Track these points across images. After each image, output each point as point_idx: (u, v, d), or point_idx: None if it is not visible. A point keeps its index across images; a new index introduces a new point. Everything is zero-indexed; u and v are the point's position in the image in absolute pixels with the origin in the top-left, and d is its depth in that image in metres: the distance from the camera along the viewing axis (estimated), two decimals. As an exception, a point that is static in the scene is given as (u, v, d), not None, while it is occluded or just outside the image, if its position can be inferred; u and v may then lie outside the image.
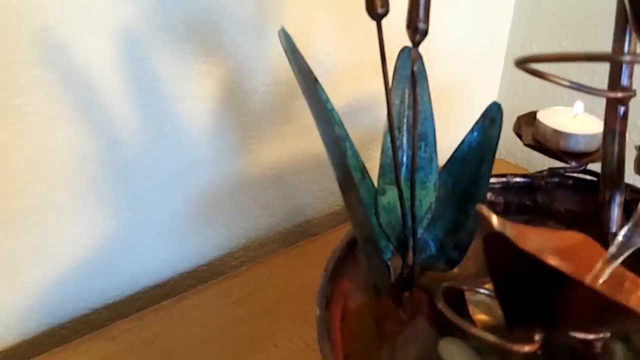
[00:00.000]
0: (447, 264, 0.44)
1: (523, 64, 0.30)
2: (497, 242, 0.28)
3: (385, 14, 0.34)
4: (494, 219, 0.29)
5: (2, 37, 0.44)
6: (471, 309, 0.43)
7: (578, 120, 0.50)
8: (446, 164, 0.44)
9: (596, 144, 0.48)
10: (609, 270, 0.32)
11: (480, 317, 0.42)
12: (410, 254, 0.42)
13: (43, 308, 0.55)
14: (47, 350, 0.53)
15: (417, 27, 0.34)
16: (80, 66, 0.48)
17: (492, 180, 0.51)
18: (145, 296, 0.62)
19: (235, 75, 0.57)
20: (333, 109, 0.40)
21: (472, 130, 0.43)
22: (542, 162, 0.72)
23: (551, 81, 0.32)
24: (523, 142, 0.51)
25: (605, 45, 0.37)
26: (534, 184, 0.52)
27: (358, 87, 0.66)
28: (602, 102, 0.39)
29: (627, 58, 0.28)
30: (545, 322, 0.29)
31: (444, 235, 0.44)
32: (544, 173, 0.52)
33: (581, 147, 0.48)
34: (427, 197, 0.43)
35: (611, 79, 0.35)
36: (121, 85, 0.51)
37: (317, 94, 0.33)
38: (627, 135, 0.39)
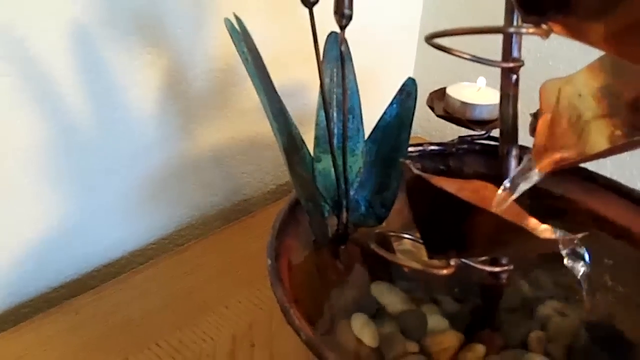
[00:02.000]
0: (375, 220, 0.50)
1: (431, 39, 0.36)
2: (417, 184, 0.34)
3: (316, 2, 0.40)
4: (408, 168, 0.35)
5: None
6: (399, 256, 0.49)
7: (481, 93, 0.57)
8: (371, 133, 0.49)
9: (497, 112, 0.55)
10: (504, 205, 0.39)
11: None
12: (344, 213, 0.48)
13: (6, 287, 0.58)
14: (12, 326, 0.56)
15: (343, 13, 0.40)
16: (36, 59, 0.51)
17: (411, 149, 0.57)
18: (99, 274, 0.65)
19: (177, 65, 0.61)
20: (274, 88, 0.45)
21: (391, 103, 0.49)
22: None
23: (455, 55, 0.38)
24: (435, 113, 0.57)
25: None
26: (446, 150, 0.58)
27: (286, 75, 0.71)
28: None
29: (511, 29, 0.34)
30: (458, 248, 0.35)
31: (371, 195, 0.50)
32: (455, 141, 0.59)
33: (485, 115, 0.55)
34: (356, 163, 0.49)
35: (504, 52, 0.41)
36: (74, 76, 0.54)
37: (264, 68, 0.38)
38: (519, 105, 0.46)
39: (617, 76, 0.42)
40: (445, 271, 0.36)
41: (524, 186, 0.39)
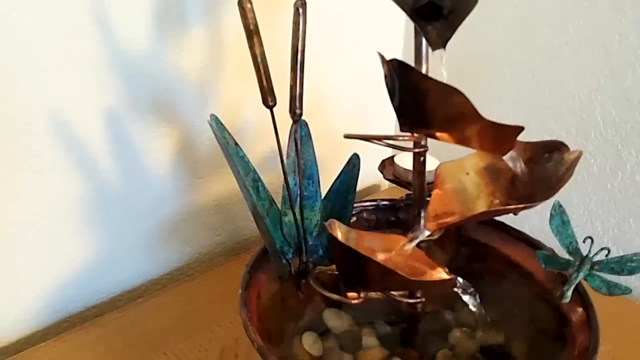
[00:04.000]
0: (330, 261, 0.62)
1: (347, 137, 0.50)
2: (332, 240, 0.48)
3: (274, 105, 0.54)
4: (332, 227, 0.49)
5: (24, 115, 0.61)
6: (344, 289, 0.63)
7: (421, 161, 0.70)
8: (326, 194, 0.63)
9: (432, 177, 0.69)
10: (408, 249, 0.52)
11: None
12: (304, 255, 0.62)
13: (52, 306, 0.73)
14: (55, 336, 0.71)
15: (295, 112, 0.54)
16: (76, 135, 0.66)
17: (367, 203, 0.70)
18: (124, 298, 0.80)
19: (186, 134, 0.76)
20: (249, 161, 0.59)
21: (340, 172, 0.63)
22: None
23: (373, 142, 0.52)
24: (384, 177, 0.71)
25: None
26: (396, 205, 0.71)
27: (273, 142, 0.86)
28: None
29: (393, 138, 0.48)
30: (361, 284, 0.49)
31: (327, 241, 0.64)
32: (403, 197, 0.73)
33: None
34: (315, 217, 0.62)
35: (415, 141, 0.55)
36: (105, 145, 0.69)
37: (232, 157, 0.53)
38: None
39: (499, 159, 0.55)
40: (354, 301, 0.50)
41: (418, 239, 0.52)
